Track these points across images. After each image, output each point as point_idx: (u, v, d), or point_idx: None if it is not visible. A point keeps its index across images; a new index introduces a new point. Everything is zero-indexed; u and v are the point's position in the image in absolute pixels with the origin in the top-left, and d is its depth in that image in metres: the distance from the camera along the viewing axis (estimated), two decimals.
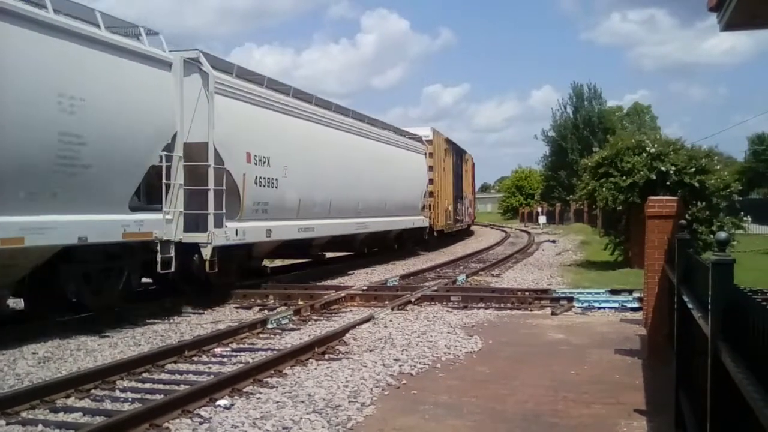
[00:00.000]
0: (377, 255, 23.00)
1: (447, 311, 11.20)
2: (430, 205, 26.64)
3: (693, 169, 16.79)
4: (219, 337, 8.84)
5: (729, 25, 5.71)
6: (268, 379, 6.81)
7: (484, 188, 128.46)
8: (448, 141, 31.59)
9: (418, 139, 25.98)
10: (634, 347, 8.39)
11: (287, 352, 7.72)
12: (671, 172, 16.81)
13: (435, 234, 27.80)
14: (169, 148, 11.08)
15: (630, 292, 11.98)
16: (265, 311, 11.58)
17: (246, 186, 12.84)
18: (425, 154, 26.13)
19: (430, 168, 26.76)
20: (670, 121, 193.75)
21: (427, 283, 14.96)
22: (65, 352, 8.32)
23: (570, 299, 11.84)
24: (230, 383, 6.42)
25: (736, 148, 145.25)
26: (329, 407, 5.84)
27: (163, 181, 10.88)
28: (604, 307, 11.41)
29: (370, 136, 20.63)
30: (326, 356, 7.92)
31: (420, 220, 25.20)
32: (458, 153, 34.73)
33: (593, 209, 21.38)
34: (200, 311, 11.59)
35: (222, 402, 6.01)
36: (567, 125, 64.58)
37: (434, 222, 27.22)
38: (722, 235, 3.26)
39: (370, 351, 8.12)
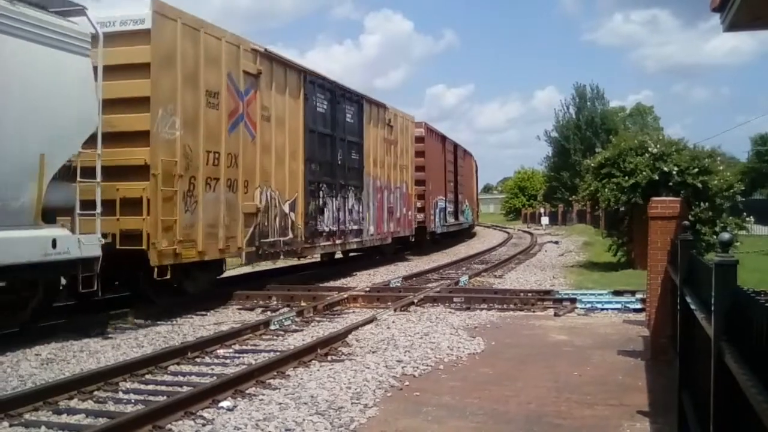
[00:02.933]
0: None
1: (450, 312, 11.20)
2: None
3: (696, 170, 16.76)
4: (222, 339, 8.84)
5: (732, 26, 5.70)
6: (271, 381, 6.81)
7: (487, 189, 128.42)
8: (260, 54, 13.53)
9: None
10: (637, 348, 8.38)
11: (290, 353, 7.72)
12: (674, 172, 16.78)
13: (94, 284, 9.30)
14: None
15: (633, 293, 11.96)
16: (268, 312, 11.58)
17: None
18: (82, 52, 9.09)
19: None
20: (673, 122, 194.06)
21: (429, 285, 14.94)
22: (68, 353, 8.33)
23: (573, 300, 11.82)
24: (233, 385, 6.42)
25: (739, 149, 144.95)
26: (332, 409, 5.83)
27: None
28: (607, 309, 11.40)
29: None
30: (329, 358, 7.91)
31: (23, 242, 8.22)
32: (343, 98, 17.54)
33: (596, 210, 21.28)
34: (203, 313, 11.60)
35: (225, 403, 6.01)
36: (570, 126, 64.60)
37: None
38: (725, 235, 3.25)
39: (373, 352, 8.12)
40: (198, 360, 7.97)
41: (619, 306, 11.45)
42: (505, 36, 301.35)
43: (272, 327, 9.87)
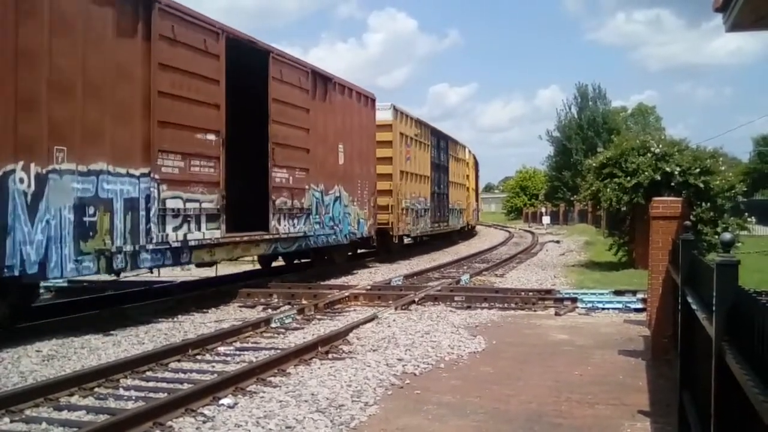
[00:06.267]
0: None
1: (451, 311, 11.20)
2: None
3: (698, 170, 16.75)
4: (223, 336, 8.84)
5: (735, 26, 5.69)
6: (272, 378, 6.81)
7: (489, 188, 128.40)
8: None
9: None
10: (638, 348, 8.38)
11: (291, 351, 7.72)
12: (676, 172, 16.78)
13: None
14: None
15: (634, 293, 11.95)
16: (269, 310, 11.59)
17: None
18: None
19: None
20: (676, 122, 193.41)
21: (430, 283, 14.94)
22: (69, 350, 8.34)
23: (574, 300, 11.81)
24: (234, 382, 6.43)
25: (741, 149, 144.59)
26: (332, 407, 5.84)
27: None
28: (608, 308, 11.39)
29: None
30: (330, 356, 7.92)
31: None
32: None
33: (597, 210, 21.31)
34: (204, 310, 11.61)
35: (225, 401, 6.02)
36: (572, 125, 64.56)
37: None
38: (727, 236, 3.25)
39: (374, 351, 8.12)
40: (199, 357, 7.98)
41: (620, 306, 11.44)
42: (509, 35, 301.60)
43: (273, 325, 9.88)
